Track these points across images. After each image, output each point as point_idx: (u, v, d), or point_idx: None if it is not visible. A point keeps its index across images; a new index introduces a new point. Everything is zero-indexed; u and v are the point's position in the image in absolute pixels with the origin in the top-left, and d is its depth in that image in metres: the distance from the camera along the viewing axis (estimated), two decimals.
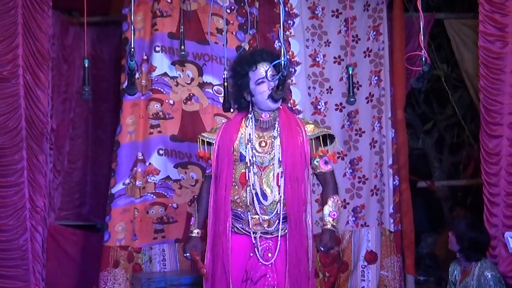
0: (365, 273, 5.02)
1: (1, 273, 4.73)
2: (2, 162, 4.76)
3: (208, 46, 4.93)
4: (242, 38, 5.01)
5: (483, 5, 4.54)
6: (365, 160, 5.16)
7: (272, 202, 2.94)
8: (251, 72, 3.01)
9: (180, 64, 5.01)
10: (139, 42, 4.99)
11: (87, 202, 6.39)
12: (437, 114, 7.08)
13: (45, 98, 4.87)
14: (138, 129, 4.97)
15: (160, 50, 4.99)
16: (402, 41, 5.31)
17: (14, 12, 4.76)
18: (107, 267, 4.82)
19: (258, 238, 2.94)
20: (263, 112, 3.03)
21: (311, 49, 5.20)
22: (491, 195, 4.50)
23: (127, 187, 4.91)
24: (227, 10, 4.95)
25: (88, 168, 6.45)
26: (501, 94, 4.50)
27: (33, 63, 4.81)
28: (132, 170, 4.91)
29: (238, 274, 2.93)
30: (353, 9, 5.18)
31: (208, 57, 5.03)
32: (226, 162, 2.97)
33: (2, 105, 4.77)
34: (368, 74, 5.20)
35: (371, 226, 5.09)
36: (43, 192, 4.90)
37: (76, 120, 6.45)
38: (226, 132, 3.05)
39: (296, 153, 2.96)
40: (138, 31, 4.98)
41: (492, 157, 4.52)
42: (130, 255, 4.89)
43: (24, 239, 4.79)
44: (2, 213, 4.74)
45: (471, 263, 3.96)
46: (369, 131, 5.17)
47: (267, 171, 2.95)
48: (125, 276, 4.83)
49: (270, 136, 3.00)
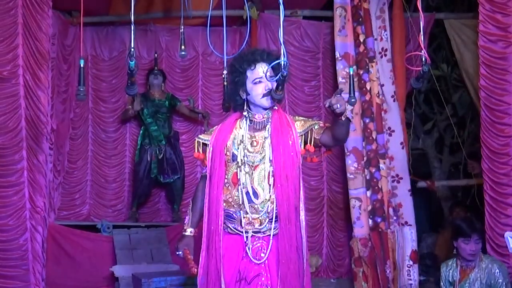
0: (411, 273, 5.01)
1: (1, 273, 4.73)
2: (2, 162, 4.76)
3: None
4: None
5: (483, 5, 4.53)
6: (397, 159, 5.17)
7: (264, 201, 2.95)
8: (249, 70, 3.02)
9: None
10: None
11: (87, 202, 6.40)
12: (437, 114, 7.09)
13: (45, 98, 4.87)
14: None
15: None
16: (402, 41, 5.31)
17: (14, 12, 4.76)
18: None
19: (250, 237, 2.95)
20: (257, 113, 3.05)
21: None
22: (500, 194, 4.48)
23: None
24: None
25: (88, 168, 6.46)
26: (507, 94, 4.48)
27: (33, 63, 4.81)
28: None
29: (232, 274, 2.94)
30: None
31: None
32: (218, 162, 3.00)
33: (2, 105, 4.77)
34: (389, 73, 5.20)
35: (413, 225, 5.09)
36: (43, 192, 4.90)
37: (76, 120, 6.46)
38: (220, 133, 3.08)
39: (286, 152, 2.98)
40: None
41: (501, 157, 4.50)
42: None
43: (24, 239, 4.79)
44: (2, 213, 4.75)
45: (473, 261, 3.95)
46: (399, 131, 5.18)
47: (258, 170, 2.98)
48: None
49: (261, 136, 3.03)
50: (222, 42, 4.47)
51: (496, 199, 4.50)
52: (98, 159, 6.50)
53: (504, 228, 4.35)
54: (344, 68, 5.22)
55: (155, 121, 6.16)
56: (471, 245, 3.87)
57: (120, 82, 6.46)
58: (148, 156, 6.11)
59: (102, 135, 6.54)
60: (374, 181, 5.05)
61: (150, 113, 6.14)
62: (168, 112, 6.27)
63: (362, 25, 5.15)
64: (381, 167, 5.07)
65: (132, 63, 2.90)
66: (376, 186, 5.04)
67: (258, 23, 6.11)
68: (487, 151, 4.56)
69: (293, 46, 6.20)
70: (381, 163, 5.07)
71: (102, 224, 5.92)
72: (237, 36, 6.41)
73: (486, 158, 4.57)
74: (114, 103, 6.56)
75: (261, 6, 6.07)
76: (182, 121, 6.61)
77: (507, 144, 4.48)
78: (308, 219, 6.14)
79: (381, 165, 5.07)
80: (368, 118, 5.12)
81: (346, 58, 5.20)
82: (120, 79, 6.48)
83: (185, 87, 6.63)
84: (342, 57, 5.26)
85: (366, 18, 5.13)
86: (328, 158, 6.29)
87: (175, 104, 6.29)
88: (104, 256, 5.62)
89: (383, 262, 4.96)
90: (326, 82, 6.29)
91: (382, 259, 4.96)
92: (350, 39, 5.20)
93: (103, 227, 5.89)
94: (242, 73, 3.03)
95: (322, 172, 6.25)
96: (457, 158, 6.98)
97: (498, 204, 4.49)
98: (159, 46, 6.55)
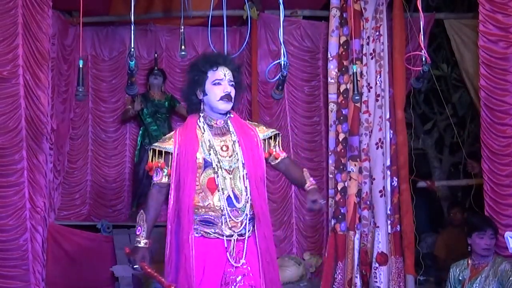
0: (377, 275, 5.02)
1: (1, 273, 4.73)
2: (2, 162, 4.76)
3: None
4: None
5: (483, 5, 4.52)
6: (372, 160, 5.17)
7: (244, 203, 2.98)
8: (211, 71, 3.05)
9: None
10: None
11: (87, 202, 6.40)
12: (437, 114, 7.08)
13: (45, 98, 4.87)
14: None
15: None
16: (402, 41, 5.30)
17: (14, 12, 4.76)
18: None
19: (235, 240, 2.96)
20: (217, 119, 3.07)
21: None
22: (501, 196, 4.47)
23: None
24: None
25: (88, 168, 6.46)
26: (508, 95, 4.47)
27: (33, 63, 4.81)
28: None
29: (216, 278, 2.93)
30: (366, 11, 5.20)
31: None
32: (191, 170, 2.96)
33: (2, 105, 4.77)
34: (374, 74, 5.21)
35: (381, 227, 5.09)
36: (43, 192, 4.90)
37: (76, 120, 6.46)
38: (185, 139, 3.04)
39: (256, 154, 3.05)
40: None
41: (503, 158, 4.49)
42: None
43: (24, 239, 4.79)
44: (2, 213, 4.74)
45: (486, 257, 3.95)
46: (376, 131, 5.17)
47: (234, 174, 3.00)
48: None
49: (229, 140, 3.05)
50: (222, 42, 4.47)
51: (496, 200, 4.49)
52: (98, 159, 6.49)
53: (505, 229, 4.34)
54: (334, 69, 5.29)
55: (154, 121, 6.16)
56: (486, 239, 3.89)
57: (120, 82, 6.45)
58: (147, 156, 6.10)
59: (102, 135, 6.54)
60: (335, 182, 5.15)
61: (149, 113, 6.15)
62: (167, 113, 6.27)
63: (344, 27, 5.18)
64: (351, 169, 5.11)
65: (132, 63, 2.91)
66: (336, 188, 5.12)
67: (258, 23, 6.11)
68: (487, 152, 4.54)
69: (293, 46, 6.20)
70: (351, 165, 5.12)
71: (102, 224, 5.92)
72: (237, 36, 6.41)
73: (486, 159, 4.55)
74: (114, 103, 6.56)
75: (261, 6, 6.07)
76: (181, 121, 6.59)
77: (508, 145, 4.46)
78: (308, 219, 6.18)
79: (351, 167, 5.11)
80: (337, 120, 5.20)
81: (337, 59, 5.26)
82: (120, 79, 6.48)
83: None
84: (333, 57, 5.31)
85: (355, 19, 5.13)
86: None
87: (174, 105, 6.29)
88: (104, 256, 5.62)
89: (334, 264, 5.04)
90: (326, 82, 6.27)
91: (333, 261, 5.04)
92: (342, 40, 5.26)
93: (103, 227, 5.89)
94: (203, 73, 3.05)
95: (322, 172, 6.25)
96: (457, 158, 6.97)
97: (498, 205, 4.48)
98: (159, 46, 6.54)
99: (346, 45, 5.19)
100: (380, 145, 5.15)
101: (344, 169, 5.13)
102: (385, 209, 5.07)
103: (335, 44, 5.31)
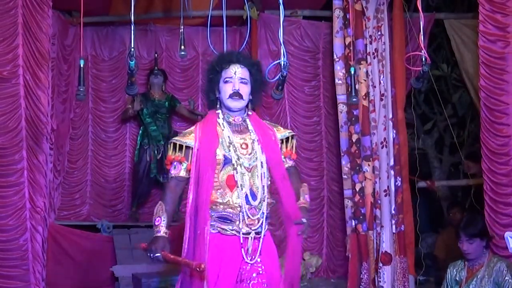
0: (380, 275, 5.02)
1: (1, 273, 4.73)
2: (2, 162, 4.76)
3: None
4: None
5: (483, 5, 4.52)
6: (379, 159, 5.16)
7: (260, 201, 2.99)
8: (223, 70, 3.07)
9: None
10: None
11: (87, 202, 6.40)
12: (437, 114, 7.09)
13: (45, 98, 4.87)
14: None
15: None
16: (402, 41, 5.30)
17: (14, 12, 4.76)
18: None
19: (253, 238, 2.97)
20: (235, 116, 3.09)
21: None
22: (500, 195, 4.47)
23: None
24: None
25: (88, 168, 6.46)
26: (505, 94, 4.47)
27: (33, 63, 4.81)
28: None
29: (231, 275, 2.94)
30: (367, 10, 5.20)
31: None
32: (210, 166, 2.97)
33: (2, 105, 4.77)
34: (378, 74, 5.21)
35: (385, 226, 5.09)
36: (43, 192, 4.90)
37: (76, 120, 6.47)
38: (205, 135, 3.05)
39: (277, 154, 3.08)
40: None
41: (501, 157, 4.49)
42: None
43: (24, 239, 4.79)
44: (2, 213, 4.74)
45: (475, 260, 3.97)
46: (381, 131, 5.18)
47: (252, 171, 3.00)
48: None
49: (248, 138, 3.06)
50: (222, 42, 4.48)
51: (496, 200, 4.49)
52: (98, 159, 6.50)
53: (504, 229, 4.34)
54: (341, 69, 5.26)
55: (154, 121, 6.16)
56: (463, 244, 3.96)
57: (120, 82, 6.46)
58: (147, 156, 6.12)
59: (102, 135, 6.54)
60: (352, 183, 5.14)
61: (149, 113, 6.15)
62: (167, 113, 6.27)
63: (348, 28, 5.19)
64: (365, 169, 5.10)
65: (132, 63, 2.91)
66: (354, 189, 5.12)
67: (258, 23, 6.11)
68: (486, 152, 4.55)
69: (293, 46, 6.20)
70: (365, 165, 5.11)
71: (102, 224, 5.92)
72: (237, 36, 6.42)
73: (486, 159, 4.56)
74: (114, 103, 6.57)
75: (261, 6, 6.07)
76: (181, 122, 6.61)
77: (506, 144, 4.47)
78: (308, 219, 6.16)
79: (365, 168, 5.11)
80: (349, 121, 5.19)
81: (343, 59, 5.24)
82: (120, 79, 6.48)
83: (185, 87, 6.63)
84: (339, 58, 5.29)
85: (357, 19, 5.13)
86: (328, 158, 6.30)
87: (174, 105, 6.29)
88: (104, 256, 5.62)
89: (359, 264, 5.03)
90: (326, 82, 6.28)
91: (358, 261, 5.04)
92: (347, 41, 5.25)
93: (103, 227, 5.89)
94: (217, 72, 3.08)
95: (322, 172, 6.25)
96: (457, 158, 6.98)
97: (497, 205, 4.48)
98: (159, 46, 6.55)
99: (352, 46, 5.17)
100: (385, 145, 5.15)
101: (360, 170, 5.11)
102: (390, 208, 5.07)
103: (340, 45, 5.28)
